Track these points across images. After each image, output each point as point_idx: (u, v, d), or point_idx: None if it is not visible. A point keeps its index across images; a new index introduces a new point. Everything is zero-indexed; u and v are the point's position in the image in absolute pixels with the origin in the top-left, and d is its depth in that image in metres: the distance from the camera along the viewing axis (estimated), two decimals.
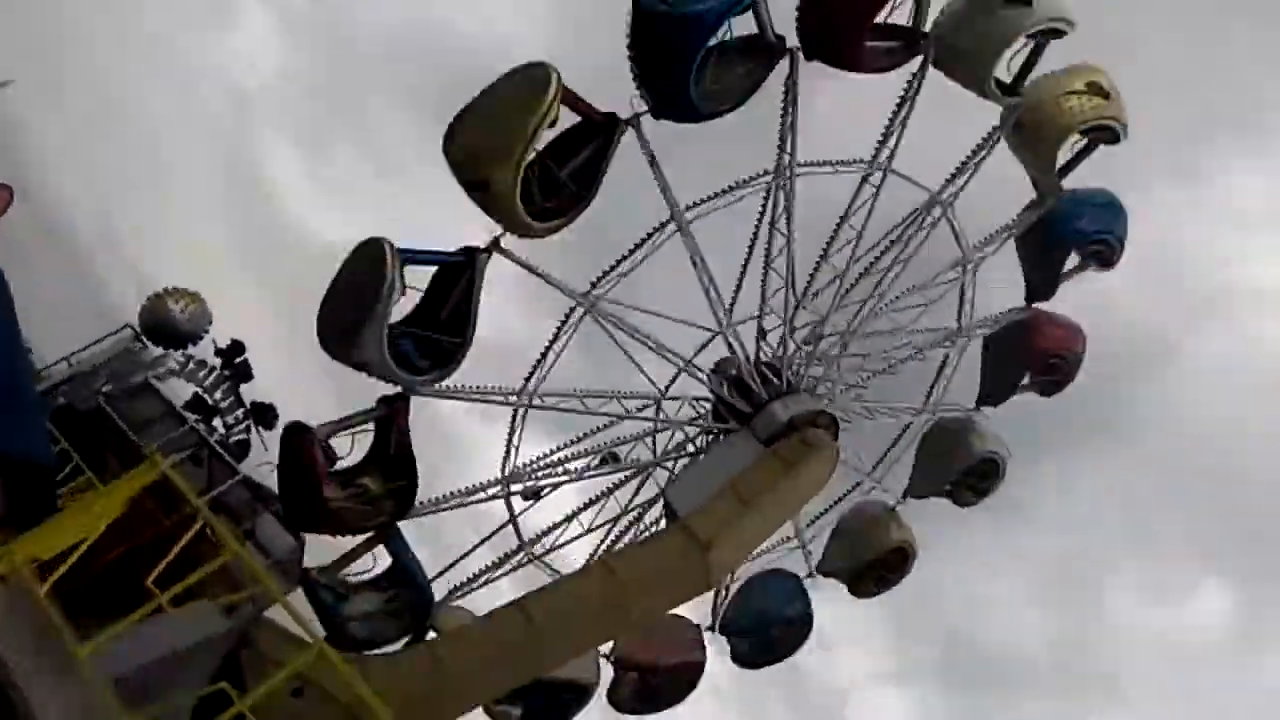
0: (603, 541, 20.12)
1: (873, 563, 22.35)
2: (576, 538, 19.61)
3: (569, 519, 19.56)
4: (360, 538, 16.91)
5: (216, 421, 25.30)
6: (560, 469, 18.76)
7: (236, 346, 24.87)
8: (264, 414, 25.37)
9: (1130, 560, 42.07)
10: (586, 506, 19.73)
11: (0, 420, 8.63)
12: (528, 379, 17.78)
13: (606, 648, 19.10)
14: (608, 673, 19.54)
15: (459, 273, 15.94)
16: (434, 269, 15.94)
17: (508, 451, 18.04)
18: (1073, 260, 20.55)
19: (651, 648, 20.17)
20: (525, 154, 14.39)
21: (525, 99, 14.28)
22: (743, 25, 15.47)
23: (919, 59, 16.65)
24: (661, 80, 14.96)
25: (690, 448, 19.64)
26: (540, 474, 18.54)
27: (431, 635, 17.83)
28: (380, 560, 17.37)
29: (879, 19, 15.74)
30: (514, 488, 18.29)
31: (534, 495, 18.99)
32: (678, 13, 14.14)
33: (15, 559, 9.51)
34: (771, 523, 18.46)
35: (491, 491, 18.05)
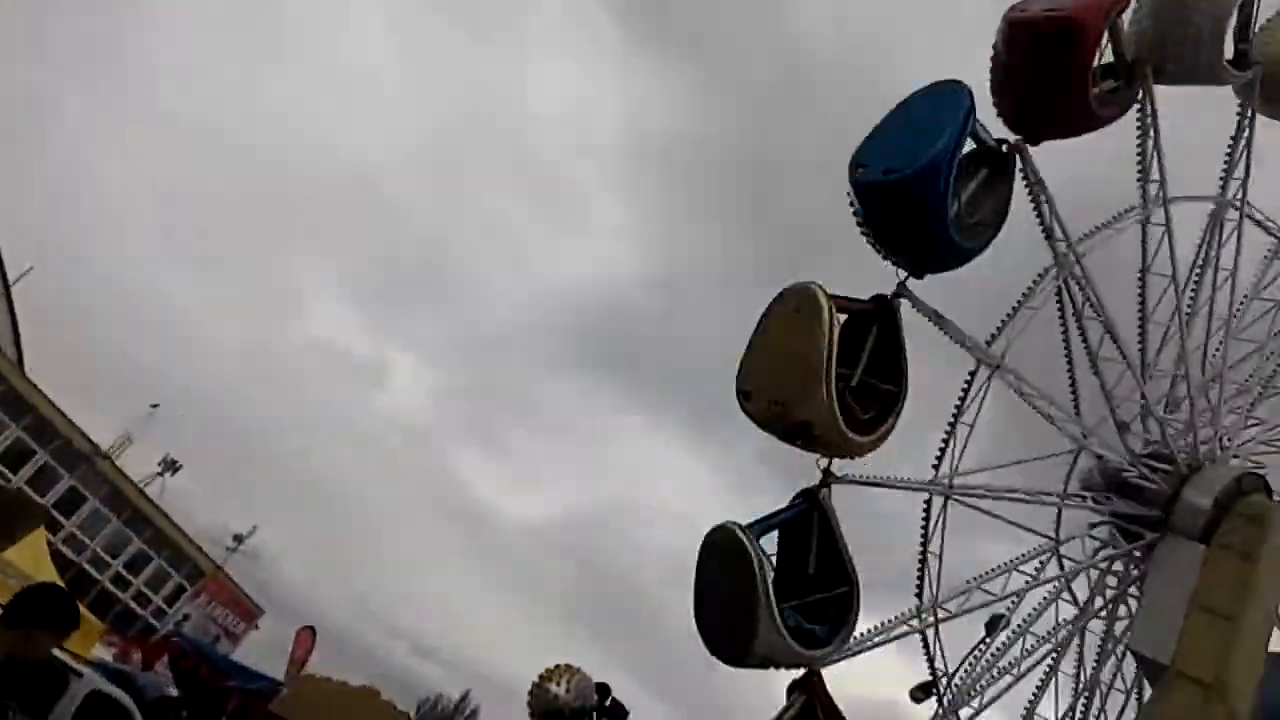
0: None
1: None
2: None
3: (1036, 699, 17.02)
4: None
5: None
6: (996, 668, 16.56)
7: (602, 689, 23.95)
8: None
9: None
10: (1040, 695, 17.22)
11: None
12: (918, 592, 16.08)
13: None
14: None
15: (807, 519, 14.86)
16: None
17: (934, 685, 16.04)
18: None
19: None
20: (830, 378, 13.50)
21: (805, 324, 13.52)
22: None
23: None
24: (920, 244, 13.98)
25: (1112, 580, 17.12)
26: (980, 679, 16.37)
27: None
28: None
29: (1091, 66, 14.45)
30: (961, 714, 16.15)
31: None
32: (907, 173, 13.21)
33: None
34: (1267, 624, 15.51)
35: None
